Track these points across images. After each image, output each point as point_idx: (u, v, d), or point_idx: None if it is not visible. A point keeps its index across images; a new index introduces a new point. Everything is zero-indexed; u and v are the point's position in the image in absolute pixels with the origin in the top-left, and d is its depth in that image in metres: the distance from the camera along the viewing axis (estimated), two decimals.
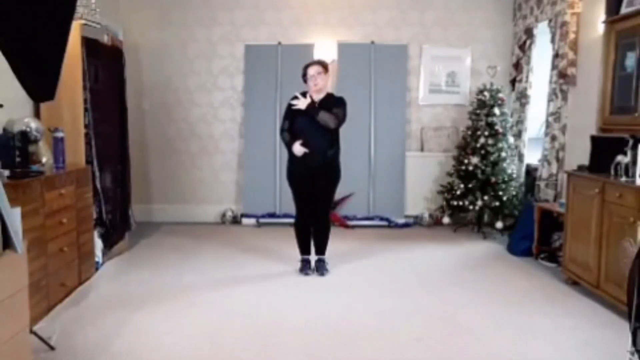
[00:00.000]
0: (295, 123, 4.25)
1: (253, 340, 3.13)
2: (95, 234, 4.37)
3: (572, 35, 4.89)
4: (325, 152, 4.20)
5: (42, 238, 3.41)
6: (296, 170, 4.32)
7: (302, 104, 4.18)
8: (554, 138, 5.14)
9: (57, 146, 3.96)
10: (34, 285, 3.09)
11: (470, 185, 5.66)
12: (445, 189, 5.91)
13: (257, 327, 3.33)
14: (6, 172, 3.27)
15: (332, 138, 4.23)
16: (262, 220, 6.19)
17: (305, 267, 4.43)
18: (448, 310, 3.66)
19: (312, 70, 4.23)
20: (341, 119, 4.19)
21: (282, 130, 4.37)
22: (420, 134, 6.44)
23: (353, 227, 6.05)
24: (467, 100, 6.28)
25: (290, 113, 4.30)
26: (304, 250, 4.50)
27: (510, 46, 6.30)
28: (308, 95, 4.27)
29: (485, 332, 3.30)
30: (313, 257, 4.49)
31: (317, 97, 4.27)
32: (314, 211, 4.37)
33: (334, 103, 4.26)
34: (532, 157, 5.77)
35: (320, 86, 4.24)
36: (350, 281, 4.27)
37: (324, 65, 4.30)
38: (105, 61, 4.73)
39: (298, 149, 4.17)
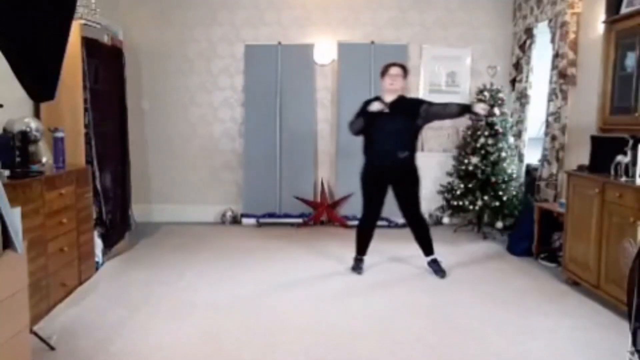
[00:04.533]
0: (371, 126, 4.25)
1: (253, 340, 3.13)
2: (95, 234, 4.37)
3: (572, 35, 4.89)
4: (396, 155, 4.23)
5: (42, 238, 3.41)
6: (370, 170, 4.37)
7: (375, 106, 4.19)
8: (554, 138, 5.14)
9: (57, 146, 3.96)
10: (34, 285, 3.09)
11: (470, 185, 5.67)
12: (445, 188, 5.91)
13: (257, 327, 3.33)
14: (6, 172, 3.26)
15: (407, 142, 4.29)
16: (262, 220, 6.19)
17: (357, 266, 4.47)
18: (448, 310, 3.67)
19: (393, 70, 4.32)
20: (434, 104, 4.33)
21: (352, 123, 4.35)
22: (420, 133, 6.43)
23: (353, 227, 6.04)
24: (467, 100, 6.28)
25: (366, 114, 4.29)
26: (361, 250, 4.52)
27: (510, 46, 6.30)
28: (381, 97, 4.33)
29: (485, 332, 3.30)
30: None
31: (389, 97, 4.31)
32: (406, 211, 4.46)
33: (412, 103, 4.37)
34: (532, 157, 5.76)
35: (395, 87, 4.31)
36: (350, 281, 4.27)
37: (405, 70, 4.40)
38: (105, 61, 4.73)
39: (377, 104, 4.18)
